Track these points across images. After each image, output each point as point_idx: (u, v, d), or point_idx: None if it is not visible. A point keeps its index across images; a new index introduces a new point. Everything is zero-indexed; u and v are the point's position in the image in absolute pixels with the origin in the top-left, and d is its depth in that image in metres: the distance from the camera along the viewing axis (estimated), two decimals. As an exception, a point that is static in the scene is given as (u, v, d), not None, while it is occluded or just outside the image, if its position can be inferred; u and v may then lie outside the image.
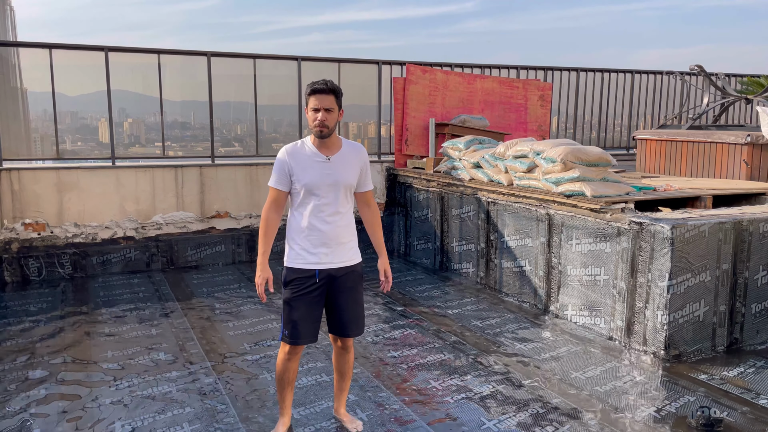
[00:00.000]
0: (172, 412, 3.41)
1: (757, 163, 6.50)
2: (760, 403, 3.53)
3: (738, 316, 4.39)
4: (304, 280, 2.89)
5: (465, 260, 6.28)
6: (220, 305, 5.42)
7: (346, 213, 2.95)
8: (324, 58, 7.64)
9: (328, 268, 2.90)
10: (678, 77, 9.65)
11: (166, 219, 6.85)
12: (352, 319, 3.01)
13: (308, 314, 2.91)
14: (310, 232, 2.88)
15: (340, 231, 2.91)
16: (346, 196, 2.93)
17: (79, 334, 4.69)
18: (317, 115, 2.81)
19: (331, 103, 2.82)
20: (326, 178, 2.86)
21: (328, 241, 2.88)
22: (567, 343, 4.50)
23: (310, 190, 2.86)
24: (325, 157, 2.88)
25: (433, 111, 7.87)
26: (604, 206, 4.59)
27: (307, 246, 2.89)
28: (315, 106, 2.81)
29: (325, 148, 2.90)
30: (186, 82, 7.39)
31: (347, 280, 2.96)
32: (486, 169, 5.99)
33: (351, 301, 3.00)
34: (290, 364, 3.01)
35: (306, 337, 2.94)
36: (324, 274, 2.90)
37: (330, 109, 2.81)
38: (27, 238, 6.27)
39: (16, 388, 3.73)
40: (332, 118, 2.83)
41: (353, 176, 2.95)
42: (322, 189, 2.86)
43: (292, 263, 2.93)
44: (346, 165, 2.91)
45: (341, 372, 3.20)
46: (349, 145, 2.98)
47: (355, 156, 2.96)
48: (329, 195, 2.87)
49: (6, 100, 6.66)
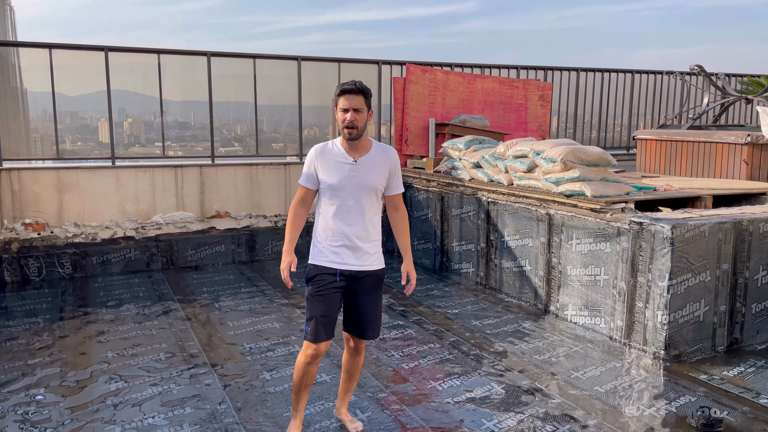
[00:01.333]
0: (172, 412, 3.41)
1: (757, 163, 6.50)
2: (760, 403, 3.53)
3: (738, 316, 4.38)
4: (325, 277, 2.89)
5: (465, 260, 6.28)
6: (220, 305, 5.42)
7: (372, 216, 2.93)
8: (324, 58, 7.64)
9: (350, 269, 2.90)
10: (678, 77, 9.65)
11: (166, 219, 6.85)
12: (370, 320, 3.01)
13: (330, 310, 2.91)
14: (334, 233, 2.88)
15: (364, 234, 2.90)
16: (372, 199, 2.91)
17: (79, 334, 4.69)
18: (346, 115, 2.79)
19: (360, 103, 2.80)
20: (351, 180, 2.84)
21: (352, 244, 2.88)
22: (567, 343, 4.50)
23: (335, 191, 2.86)
24: (352, 159, 2.86)
25: (433, 111, 7.87)
26: (604, 206, 4.59)
27: (330, 246, 2.89)
28: (344, 107, 2.79)
29: (353, 150, 2.88)
30: (186, 82, 7.40)
31: (368, 283, 2.96)
32: (486, 169, 5.98)
33: (370, 304, 2.99)
34: (310, 368, 2.97)
35: (327, 334, 2.93)
36: (346, 274, 2.90)
37: (359, 109, 2.79)
38: (27, 238, 6.26)
39: (16, 388, 3.72)
40: (361, 118, 2.80)
41: (380, 180, 2.91)
42: (347, 191, 2.85)
43: (315, 260, 2.94)
44: (373, 168, 2.88)
45: (350, 372, 3.19)
46: (379, 148, 2.95)
47: (383, 159, 2.92)
48: (354, 198, 2.86)
49: (6, 100, 6.65)
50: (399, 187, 3.03)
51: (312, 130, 8.20)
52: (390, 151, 2.98)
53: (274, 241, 7.19)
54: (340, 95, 2.81)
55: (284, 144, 7.95)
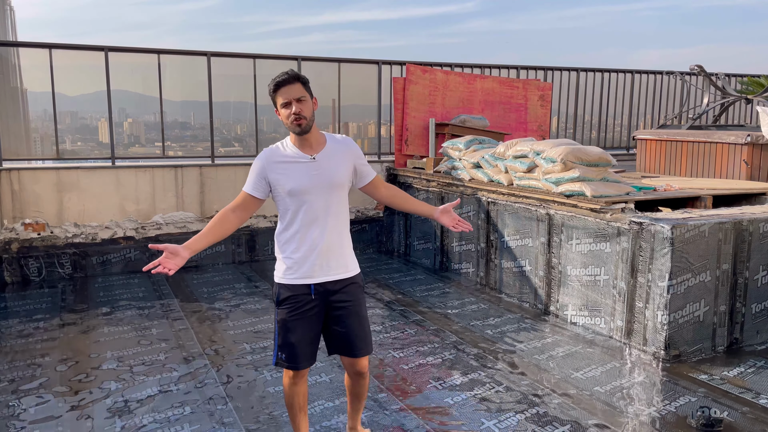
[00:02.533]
0: (172, 412, 3.41)
1: (757, 163, 6.50)
2: (760, 403, 3.53)
3: (738, 316, 4.38)
4: (299, 298, 2.59)
5: (465, 260, 6.28)
6: (220, 305, 5.42)
7: (340, 217, 2.63)
8: (324, 58, 7.64)
9: (324, 281, 2.59)
10: (678, 77, 9.65)
11: (166, 219, 6.85)
12: (357, 335, 2.66)
13: (306, 335, 2.62)
14: (301, 241, 2.57)
15: (334, 238, 2.59)
16: (339, 197, 2.61)
17: (79, 334, 4.69)
18: (290, 109, 2.47)
19: (300, 91, 2.48)
20: (314, 179, 2.53)
21: (322, 251, 2.57)
22: (567, 343, 4.50)
23: (297, 195, 2.53)
24: (309, 156, 2.55)
25: (433, 111, 7.87)
26: (604, 206, 4.59)
27: (298, 258, 2.58)
28: (285, 101, 2.48)
29: (307, 147, 2.56)
30: (186, 82, 7.40)
31: (347, 294, 2.64)
32: (486, 169, 5.98)
33: (354, 317, 2.65)
34: (297, 388, 2.70)
35: (306, 359, 2.65)
36: (320, 289, 2.59)
37: (301, 98, 2.48)
38: (27, 238, 6.26)
39: (16, 388, 3.72)
40: (307, 107, 2.49)
41: (345, 174, 2.61)
42: (312, 193, 2.54)
43: (283, 279, 2.63)
44: (334, 162, 2.58)
45: (355, 394, 2.88)
46: (334, 140, 2.64)
47: (342, 151, 2.63)
48: (320, 198, 2.55)
49: (6, 100, 6.65)
50: (372, 172, 2.76)
51: (312, 130, 8.19)
52: (347, 140, 2.69)
53: (273, 242, 7.17)
54: (275, 91, 2.49)
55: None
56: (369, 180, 2.75)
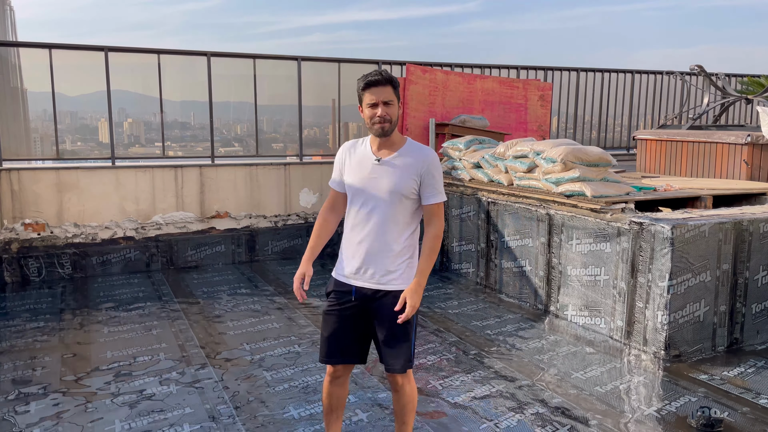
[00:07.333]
0: (172, 413, 3.41)
1: (757, 163, 6.50)
2: (761, 403, 3.53)
3: (738, 316, 4.38)
4: (341, 295, 2.57)
5: (465, 260, 6.28)
6: (220, 305, 5.42)
7: (391, 226, 2.49)
8: (324, 58, 7.63)
9: (362, 286, 2.53)
10: (678, 77, 9.65)
11: (166, 219, 6.85)
12: (389, 352, 2.56)
13: (341, 332, 2.57)
14: (349, 242, 2.55)
15: (378, 246, 2.49)
16: (395, 206, 2.47)
17: (79, 334, 4.68)
18: (376, 110, 2.42)
19: (390, 95, 2.43)
20: (370, 182, 2.47)
21: (364, 255, 2.50)
22: (567, 344, 4.50)
23: (353, 194, 2.53)
24: (375, 158, 2.49)
25: (433, 111, 7.87)
26: (605, 206, 4.59)
27: (346, 256, 2.56)
28: (372, 101, 2.42)
29: (381, 149, 2.51)
30: (186, 82, 7.39)
31: (383, 307, 2.52)
32: (486, 169, 5.98)
33: (387, 331, 2.54)
34: (332, 388, 2.66)
35: (338, 356, 2.59)
36: (360, 293, 2.53)
37: (389, 101, 2.43)
38: (27, 238, 6.26)
39: (15, 388, 3.72)
40: (393, 111, 2.44)
41: (403, 184, 2.46)
42: (365, 195, 2.48)
43: (334, 271, 2.64)
44: (398, 169, 2.46)
45: (396, 413, 2.72)
46: (412, 147, 2.52)
47: (414, 159, 2.48)
48: (372, 202, 2.48)
49: (6, 100, 6.65)
50: (433, 196, 2.50)
51: (312, 130, 8.20)
52: (426, 151, 2.52)
53: (274, 242, 7.19)
54: (365, 89, 2.43)
55: (284, 144, 7.95)
56: (424, 203, 2.54)
